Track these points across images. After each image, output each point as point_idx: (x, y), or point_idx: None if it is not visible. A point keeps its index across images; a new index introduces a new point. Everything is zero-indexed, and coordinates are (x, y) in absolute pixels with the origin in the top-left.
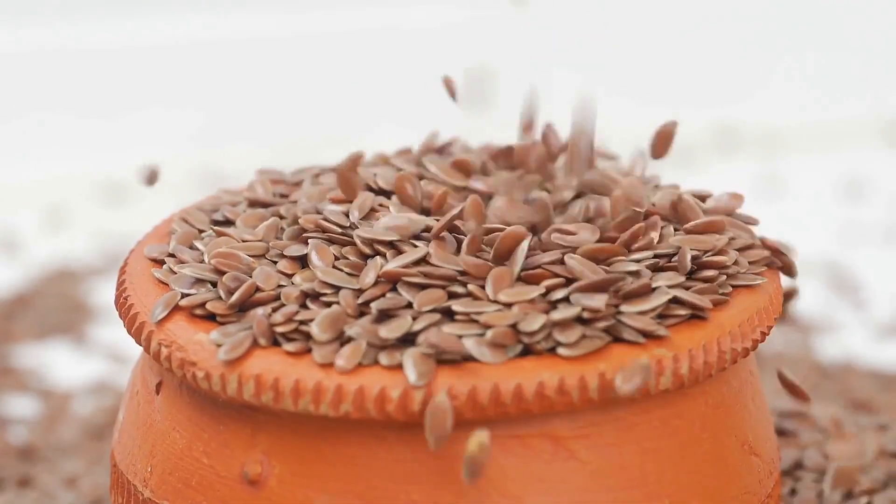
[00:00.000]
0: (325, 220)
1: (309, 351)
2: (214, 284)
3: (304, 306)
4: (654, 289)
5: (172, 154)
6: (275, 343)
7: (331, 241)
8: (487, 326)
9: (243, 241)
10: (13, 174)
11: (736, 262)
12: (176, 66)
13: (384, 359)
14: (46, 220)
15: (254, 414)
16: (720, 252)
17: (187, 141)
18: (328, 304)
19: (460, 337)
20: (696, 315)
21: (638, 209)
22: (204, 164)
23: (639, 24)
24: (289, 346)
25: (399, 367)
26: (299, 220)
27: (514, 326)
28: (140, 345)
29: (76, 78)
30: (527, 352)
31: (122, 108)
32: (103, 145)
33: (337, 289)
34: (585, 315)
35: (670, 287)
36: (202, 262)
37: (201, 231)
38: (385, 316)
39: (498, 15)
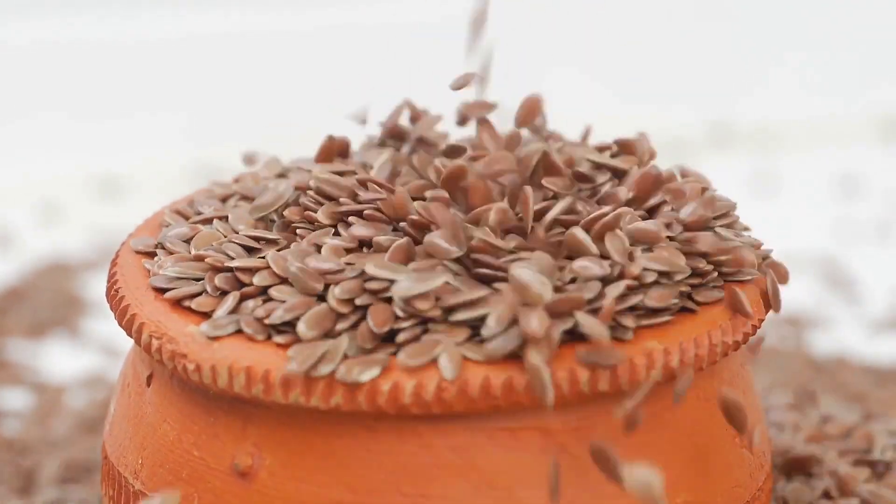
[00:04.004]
0: (307, 209)
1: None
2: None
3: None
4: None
5: (166, 149)
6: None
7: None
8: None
9: (233, 234)
10: (7, 169)
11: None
12: (169, 62)
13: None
14: (40, 214)
15: (244, 406)
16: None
17: (180, 136)
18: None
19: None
20: (687, 308)
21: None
22: (197, 160)
23: (634, 20)
24: (279, 339)
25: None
26: (285, 213)
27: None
28: (131, 337)
29: (70, 74)
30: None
31: (116, 104)
32: (97, 141)
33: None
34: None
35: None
36: (192, 254)
37: (192, 224)
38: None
39: (494, 12)
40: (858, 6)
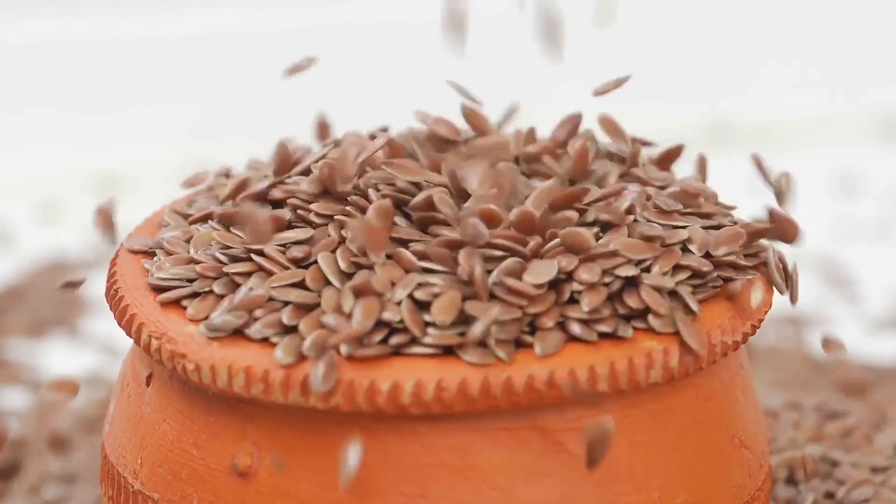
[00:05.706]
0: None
1: None
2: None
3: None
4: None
5: (166, 147)
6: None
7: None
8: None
9: (231, 235)
10: (6, 167)
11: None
12: (170, 59)
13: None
14: (40, 212)
15: (244, 406)
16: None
17: (181, 134)
18: None
19: None
20: (687, 308)
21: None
22: (198, 157)
23: (633, 18)
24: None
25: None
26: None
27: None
28: (130, 337)
29: (70, 71)
30: (517, 345)
31: (117, 101)
32: (97, 138)
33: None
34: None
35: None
36: (190, 254)
37: (191, 224)
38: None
39: (492, 8)
40: (858, 6)
